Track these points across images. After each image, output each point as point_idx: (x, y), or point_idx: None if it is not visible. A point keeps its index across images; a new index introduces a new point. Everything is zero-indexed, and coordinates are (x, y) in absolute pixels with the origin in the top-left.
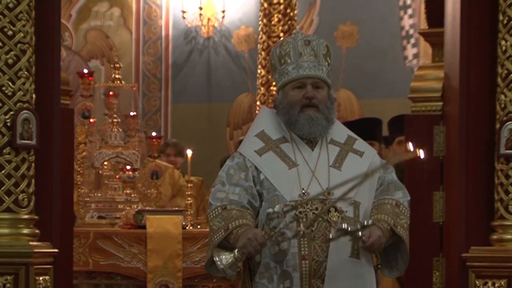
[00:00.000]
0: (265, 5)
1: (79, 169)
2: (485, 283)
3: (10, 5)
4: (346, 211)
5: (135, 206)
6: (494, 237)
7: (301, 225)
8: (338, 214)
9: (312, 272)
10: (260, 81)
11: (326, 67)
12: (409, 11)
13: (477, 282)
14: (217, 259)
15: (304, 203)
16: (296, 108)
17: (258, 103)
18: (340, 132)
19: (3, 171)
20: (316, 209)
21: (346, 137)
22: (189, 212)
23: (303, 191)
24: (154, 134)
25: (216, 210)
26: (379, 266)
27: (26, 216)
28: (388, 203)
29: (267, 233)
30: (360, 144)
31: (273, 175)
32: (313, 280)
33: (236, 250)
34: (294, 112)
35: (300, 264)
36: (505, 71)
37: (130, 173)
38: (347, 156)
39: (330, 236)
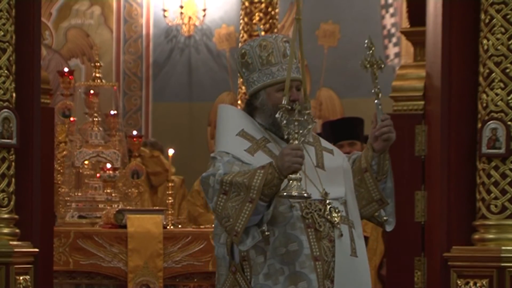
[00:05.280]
0: (246, 3)
1: (59, 168)
2: (467, 283)
3: None
4: (342, 211)
5: (116, 206)
6: (476, 236)
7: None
8: (337, 214)
9: (324, 273)
10: (241, 80)
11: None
12: (391, 10)
13: (459, 282)
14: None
15: (308, 204)
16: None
17: (239, 102)
18: None
19: None
20: (320, 209)
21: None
22: (170, 212)
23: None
24: (134, 133)
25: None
26: (385, 219)
27: (6, 216)
28: None
29: (292, 138)
30: (324, 141)
31: None
32: (325, 281)
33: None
34: None
35: (315, 265)
36: (487, 70)
37: (111, 172)
38: (323, 155)
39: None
